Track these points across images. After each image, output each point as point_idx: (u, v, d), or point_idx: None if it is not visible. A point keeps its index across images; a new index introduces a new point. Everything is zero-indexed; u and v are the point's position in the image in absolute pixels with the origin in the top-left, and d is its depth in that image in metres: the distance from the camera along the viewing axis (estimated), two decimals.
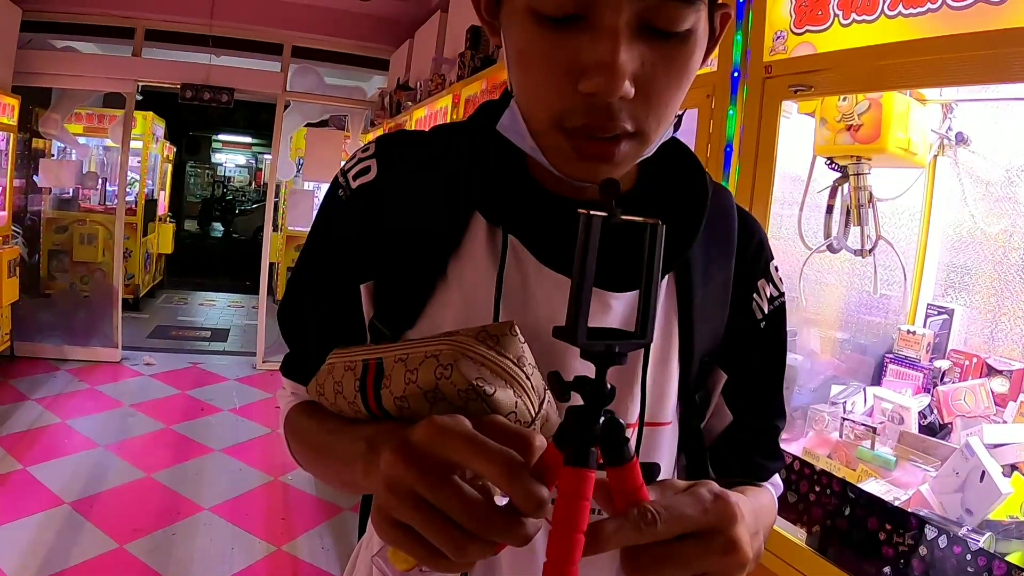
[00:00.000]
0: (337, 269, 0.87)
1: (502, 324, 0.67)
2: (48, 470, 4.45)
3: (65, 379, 6.35)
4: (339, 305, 0.87)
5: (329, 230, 0.88)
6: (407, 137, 0.89)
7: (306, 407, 0.92)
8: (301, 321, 0.93)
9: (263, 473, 4.73)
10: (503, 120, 0.79)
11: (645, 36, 0.65)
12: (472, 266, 0.80)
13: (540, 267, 0.79)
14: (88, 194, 9.54)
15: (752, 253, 0.93)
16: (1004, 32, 1.35)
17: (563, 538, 0.50)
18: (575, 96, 0.66)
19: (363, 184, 0.84)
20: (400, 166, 0.85)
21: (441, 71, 5.34)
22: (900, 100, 1.95)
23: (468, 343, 0.64)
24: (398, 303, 0.82)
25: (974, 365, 2.15)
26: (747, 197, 1.93)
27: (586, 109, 0.67)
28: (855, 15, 1.64)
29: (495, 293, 0.77)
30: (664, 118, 0.71)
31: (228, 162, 23.10)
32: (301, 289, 0.93)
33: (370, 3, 7.17)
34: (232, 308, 10.49)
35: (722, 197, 0.91)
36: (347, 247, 0.85)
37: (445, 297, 0.80)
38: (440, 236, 0.81)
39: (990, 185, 2.22)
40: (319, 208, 0.91)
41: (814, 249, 2.17)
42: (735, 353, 0.91)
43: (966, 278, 2.31)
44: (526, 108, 0.75)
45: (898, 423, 2.03)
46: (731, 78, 2.00)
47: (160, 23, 7.35)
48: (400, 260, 0.82)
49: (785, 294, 0.96)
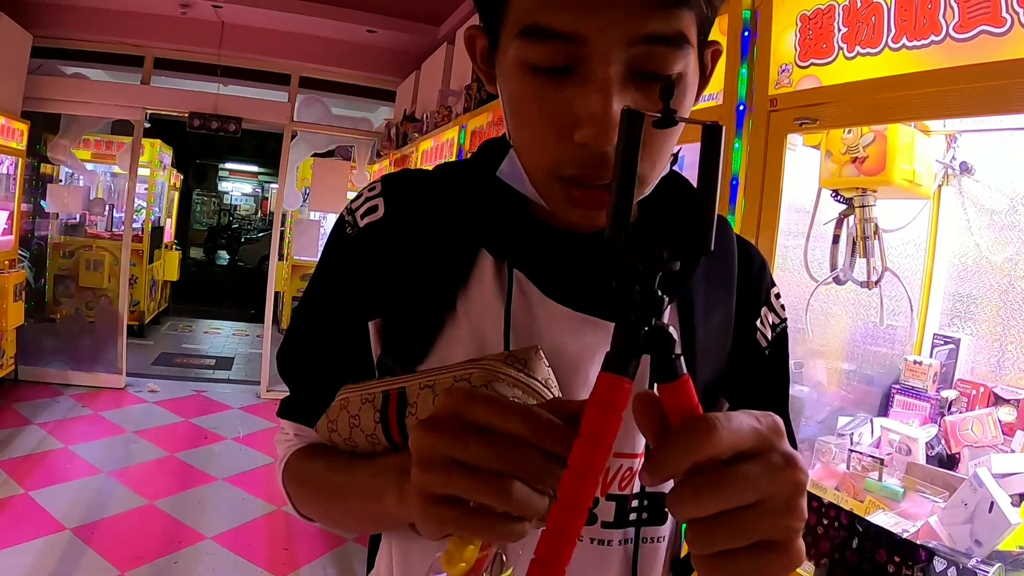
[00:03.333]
0: (345, 306, 0.87)
1: (528, 348, 0.69)
2: (50, 495, 4.43)
3: (68, 404, 6.33)
4: (347, 342, 0.87)
5: (337, 268, 0.89)
6: (412, 176, 0.90)
7: (308, 451, 0.92)
8: (307, 360, 0.93)
9: (266, 502, 4.70)
10: (503, 167, 0.81)
11: (637, 82, 0.66)
12: (480, 301, 0.81)
13: (544, 299, 0.80)
14: (95, 220, 9.57)
15: (753, 281, 0.93)
16: (1007, 63, 1.37)
17: (589, 447, 0.49)
18: (569, 146, 0.67)
19: (371, 222, 0.85)
20: (407, 205, 0.86)
21: (447, 103, 5.38)
22: (905, 132, 1.96)
23: (497, 367, 0.65)
24: (408, 339, 0.83)
25: (981, 394, 2.15)
26: (753, 230, 1.94)
27: (580, 159, 0.68)
28: (859, 48, 1.66)
29: (504, 327, 0.78)
30: (659, 161, 0.72)
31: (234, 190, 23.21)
32: (308, 326, 0.93)
33: (377, 35, 7.25)
34: (237, 337, 10.49)
35: (721, 227, 0.91)
36: (356, 284, 0.86)
37: (455, 332, 0.81)
38: (448, 273, 0.82)
39: (995, 214, 2.23)
40: (325, 246, 0.92)
41: (820, 282, 2.17)
42: (739, 381, 0.91)
43: (972, 307, 2.31)
44: (522, 157, 0.77)
45: (906, 454, 2.02)
46: (736, 111, 2.02)
47: (169, 52, 7.44)
48: (409, 297, 0.83)
49: (787, 320, 0.97)
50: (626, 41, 0.64)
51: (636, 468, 0.82)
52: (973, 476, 1.65)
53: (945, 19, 1.47)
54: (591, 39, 0.64)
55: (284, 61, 7.67)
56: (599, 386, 0.49)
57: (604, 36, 0.63)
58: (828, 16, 1.75)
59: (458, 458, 0.52)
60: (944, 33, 1.47)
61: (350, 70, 7.85)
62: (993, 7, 1.38)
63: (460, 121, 4.74)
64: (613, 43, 0.64)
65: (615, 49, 0.64)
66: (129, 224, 7.38)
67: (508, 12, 0.69)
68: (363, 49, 7.63)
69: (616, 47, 0.64)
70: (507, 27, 0.70)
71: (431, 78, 6.46)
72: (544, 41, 0.66)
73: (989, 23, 1.39)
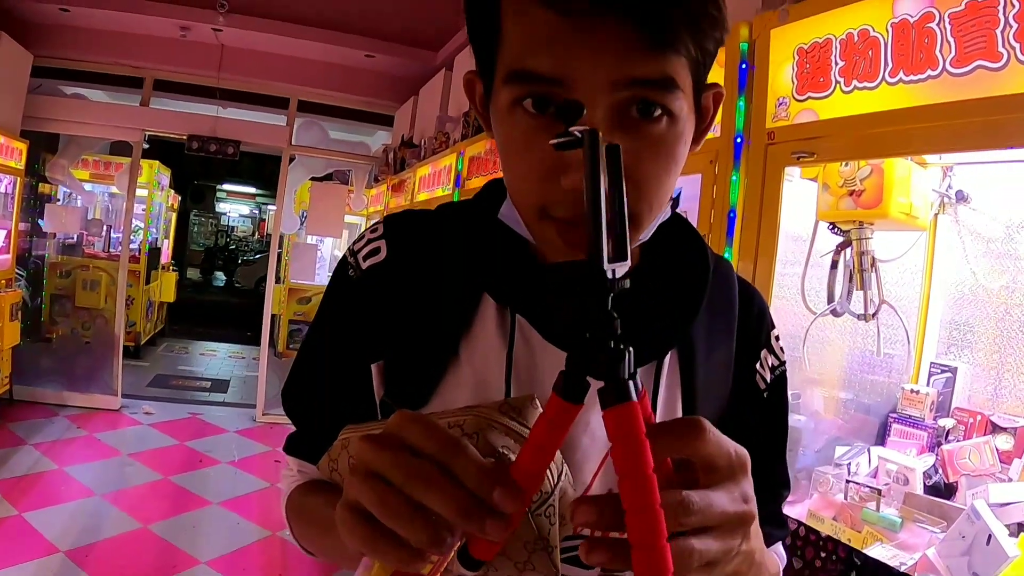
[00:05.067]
0: (348, 348, 0.88)
1: (523, 397, 0.69)
2: (44, 517, 4.40)
3: (63, 425, 6.30)
4: (349, 383, 0.88)
5: (340, 309, 0.90)
6: (415, 218, 0.91)
7: (311, 486, 0.92)
8: (310, 399, 0.94)
9: (261, 528, 4.66)
10: (503, 209, 0.82)
11: (626, 125, 0.66)
12: (483, 346, 0.82)
13: (545, 344, 0.80)
14: (92, 240, 9.57)
15: (754, 324, 0.93)
16: (1004, 99, 1.38)
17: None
18: (557, 189, 0.67)
19: (374, 264, 0.86)
20: (410, 247, 0.87)
21: (445, 129, 5.40)
22: (901, 165, 1.98)
23: (491, 415, 0.65)
24: (411, 382, 0.83)
25: (978, 423, 2.16)
26: (750, 262, 1.95)
27: (569, 203, 0.68)
28: (856, 82, 1.68)
29: (505, 371, 0.79)
30: (656, 202, 0.72)
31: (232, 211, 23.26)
32: (310, 367, 0.94)
33: (375, 60, 7.29)
34: (233, 359, 10.44)
35: (723, 268, 0.91)
36: (358, 326, 0.87)
37: (458, 376, 0.82)
38: (451, 317, 0.83)
39: (991, 242, 2.25)
40: (328, 287, 0.92)
41: (818, 315, 2.18)
42: (737, 423, 0.89)
43: (968, 336, 2.32)
44: (514, 199, 0.77)
45: (903, 484, 2.02)
46: (734, 144, 2.03)
47: (169, 74, 7.46)
48: (412, 340, 0.83)
49: (786, 362, 0.97)
50: (611, 85, 0.64)
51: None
52: (971, 508, 1.65)
53: (942, 53, 1.49)
54: (576, 83, 0.64)
55: (283, 85, 7.70)
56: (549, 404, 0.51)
57: (589, 79, 0.64)
58: (825, 50, 1.77)
59: (378, 472, 0.51)
60: (941, 68, 1.49)
61: (348, 94, 7.88)
62: (989, 42, 1.40)
63: (458, 148, 4.75)
64: (598, 87, 0.64)
65: (600, 93, 0.64)
66: (126, 244, 7.38)
67: (499, 56, 0.70)
68: (361, 74, 7.66)
69: (601, 91, 0.64)
70: (499, 71, 0.71)
71: (429, 103, 6.49)
72: (530, 85, 0.66)
73: (985, 58, 1.41)
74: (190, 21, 6.68)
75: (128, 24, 6.82)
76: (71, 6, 6.38)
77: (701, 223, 2.08)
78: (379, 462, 0.51)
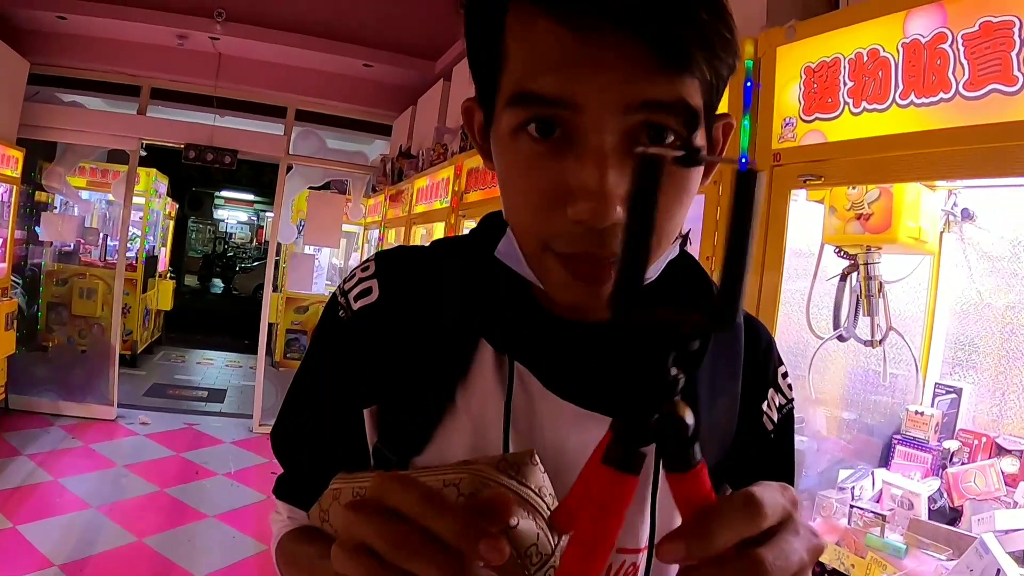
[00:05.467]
0: (339, 392, 0.85)
1: (522, 453, 0.66)
2: (38, 530, 4.36)
3: (59, 435, 6.26)
4: (341, 429, 0.85)
5: (330, 352, 0.87)
6: (408, 255, 0.87)
7: (302, 532, 0.90)
8: (299, 443, 0.91)
9: (257, 542, 4.63)
10: (501, 247, 0.77)
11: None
12: (480, 393, 0.78)
13: (546, 393, 0.76)
14: (89, 248, 9.56)
15: (760, 361, 0.90)
16: (1017, 124, 1.35)
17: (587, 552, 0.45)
18: (562, 221, 0.63)
19: (365, 306, 0.83)
20: (402, 287, 0.83)
21: (443, 140, 5.38)
22: (911, 188, 1.94)
23: (488, 472, 0.63)
24: (405, 430, 0.79)
25: (983, 444, 2.13)
26: (754, 289, 1.92)
27: (575, 236, 0.64)
28: (866, 103, 1.64)
29: (504, 421, 0.75)
30: (664, 237, 0.68)
31: (230, 218, 23.26)
32: (300, 411, 0.91)
33: (373, 69, 7.28)
34: (230, 368, 10.41)
35: None
36: (349, 370, 0.83)
37: (454, 425, 0.78)
38: (447, 363, 0.79)
39: (996, 260, 2.22)
40: (317, 327, 0.90)
41: (823, 340, 2.15)
42: (743, 465, 0.87)
43: (973, 356, 2.29)
44: (516, 231, 0.73)
45: (908, 509, 2.00)
46: (739, 164, 1.99)
47: (166, 82, 7.45)
48: (406, 386, 0.80)
49: (793, 400, 0.93)
50: (622, 108, 0.61)
51: (640, 563, 0.78)
52: (980, 542, 1.62)
53: (955, 76, 1.46)
54: (585, 106, 0.61)
55: (280, 94, 7.69)
56: (600, 482, 0.46)
57: (598, 103, 0.60)
58: (833, 69, 1.74)
59: (363, 541, 0.49)
60: (953, 91, 1.46)
61: (346, 104, 7.86)
62: (1004, 65, 1.37)
63: (456, 160, 4.69)
64: (608, 110, 0.60)
65: (610, 117, 0.61)
66: (123, 252, 7.34)
67: (503, 78, 0.67)
68: (359, 83, 7.65)
69: (611, 114, 0.61)
70: (501, 95, 0.67)
71: (427, 114, 6.48)
72: (535, 107, 0.63)
73: (1001, 81, 1.38)
74: (187, 29, 6.68)
75: (125, 32, 6.81)
76: (68, 14, 6.37)
77: (704, 245, 2.04)
78: (362, 531, 0.49)
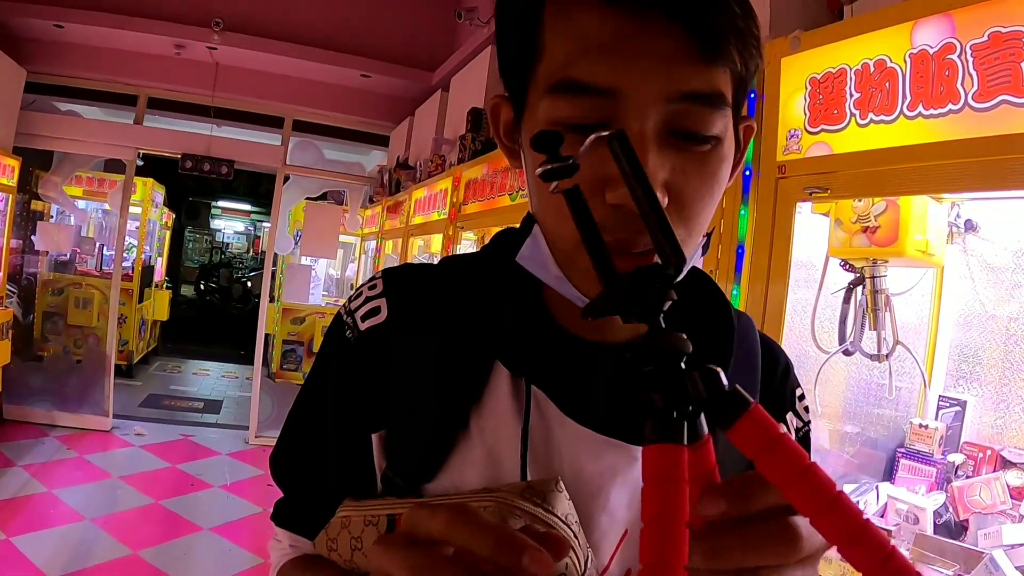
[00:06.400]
0: (346, 416, 0.82)
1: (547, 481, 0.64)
2: (32, 542, 4.32)
3: (53, 446, 6.22)
4: (347, 454, 0.81)
5: (336, 375, 0.83)
6: (416, 273, 0.85)
7: (304, 562, 0.86)
8: (302, 468, 0.87)
9: (253, 555, 4.59)
10: (523, 251, 0.75)
11: (674, 143, 0.63)
12: (495, 418, 0.75)
13: (564, 419, 0.74)
14: (85, 258, 9.54)
15: (777, 385, 0.89)
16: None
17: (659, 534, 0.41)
18: (603, 209, 0.63)
19: (373, 326, 0.80)
20: (412, 307, 0.80)
21: (441, 151, 5.37)
22: (918, 201, 1.92)
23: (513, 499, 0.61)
24: (416, 456, 0.76)
25: (988, 457, 2.12)
26: (760, 302, 1.90)
27: (615, 223, 0.63)
28: (873, 115, 1.62)
29: (521, 447, 0.72)
30: (696, 230, 0.68)
31: (227, 228, 23.19)
32: (303, 435, 0.87)
33: (371, 79, 7.27)
34: (226, 379, 10.36)
35: (744, 325, 0.86)
36: (357, 394, 0.80)
37: (468, 452, 0.74)
38: (461, 387, 0.75)
39: (1000, 271, 2.21)
40: (322, 348, 0.87)
41: (829, 355, 2.13)
42: None
43: (977, 368, 2.28)
44: (551, 229, 0.71)
45: (913, 523, 1.98)
46: (743, 176, 1.98)
47: (163, 92, 7.44)
48: (417, 411, 0.77)
49: (810, 422, 0.92)
50: (664, 97, 0.62)
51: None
52: (989, 559, 1.61)
53: (964, 87, 1.44)
54: (627, 94, 0.62)
55: (278, 104, 7.68)
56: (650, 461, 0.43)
57: (641, 91, 0.61)
58: (839, 80, 1.72)
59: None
60: (962, 102, 1.44)
61: (343, 114, 7.85)
62: (1014, 76, 1.35)
63: (454, 172, 4.69)
64: (650, 99, 0.62)
65: (652, 105, 0.62)
66: (119, 262, 7.32)
67: (539, 69, 0.66)
68: (357, 94, 7.64)
69: (653, 103, 0.62)
70: (536, 86, 0.67)
71: (425, 124, 6.48)
72: (578, 96, 0.63)
73: (1010, 92, 1.36)
74: (185, 39, 6.68)
75: (123, 41, 6.81)
76: (65, 22, 6.36)
77: (708, 258, 2.02)
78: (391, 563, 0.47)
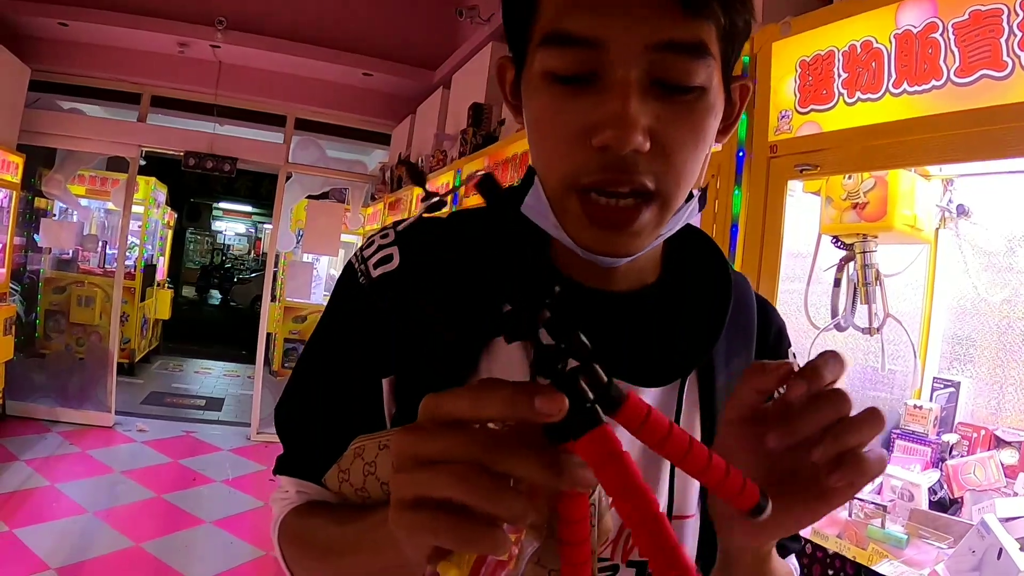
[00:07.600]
0: (357, 361, 0.82)
1: None
2: (35, 534, 4.35)
3: (56, 441, 6.24)
4: (358, 398, 0.82)
5: (348, 319, 0.84)
6: (428, 225, 0.85)
7: (308, 508, 0.86)
8: (311, 413, 0.86)
9: (255, 547, 4.61)
10: (527, 200, 0.77)
11: (658, 93, 0.66)
12: (505, 362, 0.77)
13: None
14: (88, 256, 9.56)
15: (772, 344, 0.92)
16: (1008, 107, 1.38)
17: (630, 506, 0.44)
18: (589, 152, 0.66)
19: (385, 273, 0.80)
20: (424, 256, 0.81)
21: (443, 147, 5.40)
22: (905, 177, 1.97)
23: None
24: None
25: (982, 437, 2.14)
26: (754, 276, 1.93)
27: (599, 164, 0.67)
28: (860, 93, 1.67)
29: None
30: (684, 179, 0.70)
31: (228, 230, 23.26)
32: (313, 379, 0.87)
33: (373, 78, 7.29)
34: (228, 377, 10.38)
35: (740, 283, 0.89)
36: (368, 339, 0.81)
37: None
38: (471, 330, 0.77)
39: (992, 256, 2.24)
40: (333, 294, 0.87)
41: (821, 329, 2.16)
42: None
43: (971, 350, 2.31)
44: (543, 173, 0.74)
45: (908, 500, 2.00)
46: (736, 157, 2.02)
47: (166, 90, 7.44)
48: (428, 357, 0.78)
49: None
50: (645, 46, 0.64)
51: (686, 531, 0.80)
52: (981, 523, 1.63)
53: (946, 64, 1.49)
54: (611, 44, 0.64)
55: (280, 102, 7.69)
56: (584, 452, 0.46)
57: (624, 41, 0.64)
58: (828, 62, 1.77)
59: (428, 455, 0.47)
60: (945, 78, 1.49)
61: (346, 112, 7.86)
62: (994, 51, 1.40)
63: (455, 165, 4.74)
64: (633, 48, 0.64)
65: (635, 54, 0.64)
66: (122, 261, 7.35)
67: (535, 25, 0.70)
68: (359, 92, 7.66)
69: (636, 52, 0.64)
70: (533, 41, 0.70)
71: (426, 122, 6.50)
72: (566, 47, 0.66)
73: (990, 67, 1.41)
74: (188, 37, 6.69)
75: (126, 40, 6.83)
76: (70, 20, 6.38)
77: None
78: (425, 445, 0.48)
